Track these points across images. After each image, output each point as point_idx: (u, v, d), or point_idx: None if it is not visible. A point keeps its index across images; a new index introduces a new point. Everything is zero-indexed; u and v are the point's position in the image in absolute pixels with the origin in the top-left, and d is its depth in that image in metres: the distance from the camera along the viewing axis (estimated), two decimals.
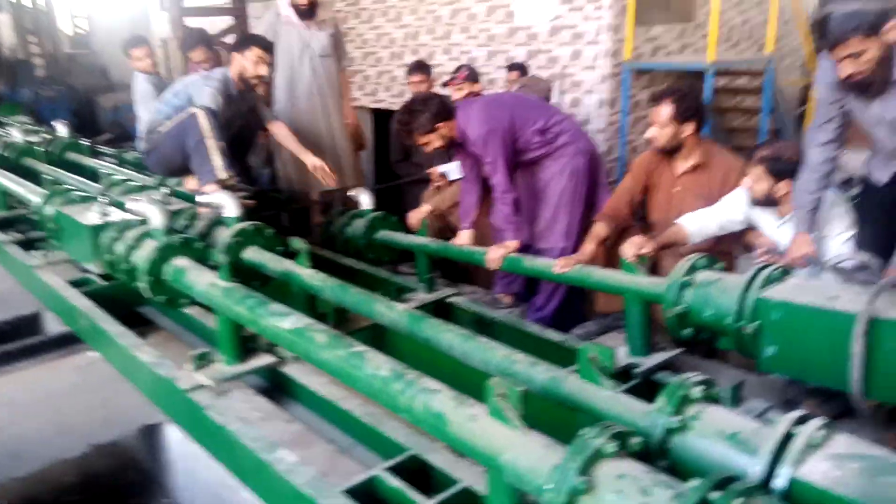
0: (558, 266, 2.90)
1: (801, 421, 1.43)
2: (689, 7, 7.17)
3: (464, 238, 3.49)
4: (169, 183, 4.05)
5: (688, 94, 3.05)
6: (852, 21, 2.06)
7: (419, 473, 2.00)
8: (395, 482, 1.91)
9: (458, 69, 4.88)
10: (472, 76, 4.79)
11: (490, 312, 3.34)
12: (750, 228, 2.98)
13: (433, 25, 7.68)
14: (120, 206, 3.19)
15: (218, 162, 3.49)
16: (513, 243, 3.26)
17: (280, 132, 4.18)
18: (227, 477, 3.03)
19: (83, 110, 11.88)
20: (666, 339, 2.70)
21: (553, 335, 3.00)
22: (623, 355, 2.65)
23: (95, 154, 5.46)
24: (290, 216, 4.71)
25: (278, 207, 4.67)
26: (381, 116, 7.30)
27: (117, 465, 4.44)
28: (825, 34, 2.14)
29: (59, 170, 4.56)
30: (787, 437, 1.40)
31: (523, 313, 3.65)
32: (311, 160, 4.07)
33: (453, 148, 3.48)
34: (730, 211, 2.91)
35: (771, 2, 6.40)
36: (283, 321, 2.14)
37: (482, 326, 3.31)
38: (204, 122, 3.51)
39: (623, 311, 2.72)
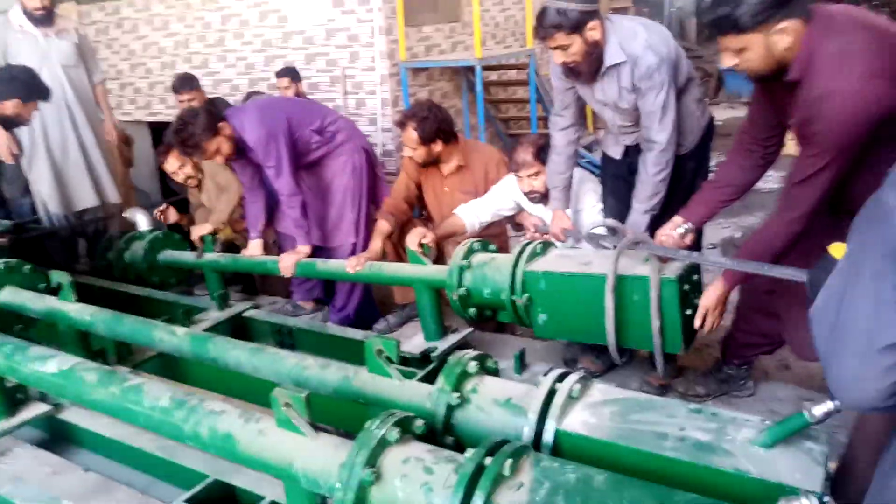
0: (350, 266, 2.93)
1: (562, 378, 1.59)
2: (455, 7, 7.52)
3: (254, 248, 3.39)
4: None
5: (427, 116, 3.18)
6: (558, 18, 2.29)
7: (225, 498, 1.93)
8: None
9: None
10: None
11: (288, 321, 3.29)
12: (520, 211, 3.21)
13: (204, 32, 7.33)
14: None
15: None
16: (304, 248, 3.22)
17: None
18: None
19: None
20: (460, 321, 2.83)
21: (353, 333, 3.04)
22: (420, 342, 2.75)
23: None
24: (57, 245, 4.25)
25: (43, 237, 4.20)
26: (159, 130, 6.85)
27: None
28: (537, 28, 2.36)
29: None
30: (552, 395, 1.55)
31: (326, 316, 3.64)
32: None
33: (233, 158, 3.33)
34: (501, 199, 3.10)
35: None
36: (47, 364, 1.95)
37: (282, 336, 3.26)
38: None
39: None
